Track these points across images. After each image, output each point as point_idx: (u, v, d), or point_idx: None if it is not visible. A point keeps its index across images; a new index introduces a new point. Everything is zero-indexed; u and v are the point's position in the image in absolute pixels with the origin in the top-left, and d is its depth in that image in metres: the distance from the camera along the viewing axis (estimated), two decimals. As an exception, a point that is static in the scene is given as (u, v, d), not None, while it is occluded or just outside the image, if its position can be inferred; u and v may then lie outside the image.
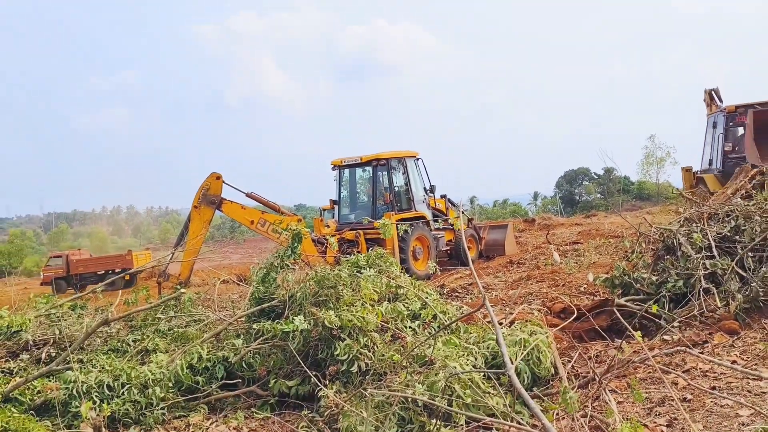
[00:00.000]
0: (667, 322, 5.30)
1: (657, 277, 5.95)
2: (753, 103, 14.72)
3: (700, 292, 5.45)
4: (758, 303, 5.24)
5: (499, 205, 52.47)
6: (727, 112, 15.07)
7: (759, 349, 4.59)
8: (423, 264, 13.25)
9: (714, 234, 6.06)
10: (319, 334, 4.64)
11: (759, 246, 5.77)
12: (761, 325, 5.07)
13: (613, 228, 17.46)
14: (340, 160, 14.40)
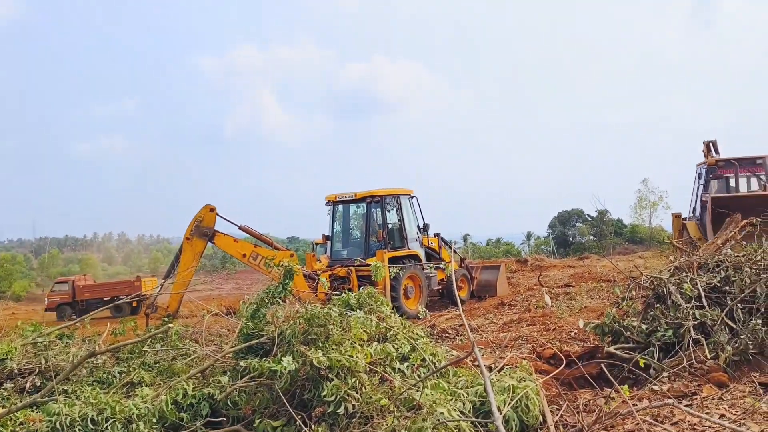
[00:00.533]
0: (656, 372, 5.29)
1: (647, 325, 5.95)
2: (736, 158, 15.76)
3: (689, 342, 5.46)
4: (747, 356, 5.25)
5: (492, 243, 52.53)
6: (708, 164, 15.84)
7: (747, 403, 4.57)
8: (414, 303, 13.21)
9: (704, 284, 6.09)
10: (307, 373, 4.59)
11: (749, 297, 5.79)
12: (750, 378, 5.07)
13: (605, 272, 17.52)
14: (335, 195, 14.48)
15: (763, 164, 15.41)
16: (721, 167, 15.65)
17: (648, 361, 5.44)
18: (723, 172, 15.66)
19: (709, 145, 16.98)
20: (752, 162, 15.55)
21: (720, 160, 15.78)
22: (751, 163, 15.55)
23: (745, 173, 15.53)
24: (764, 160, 15.44)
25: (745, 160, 15.74)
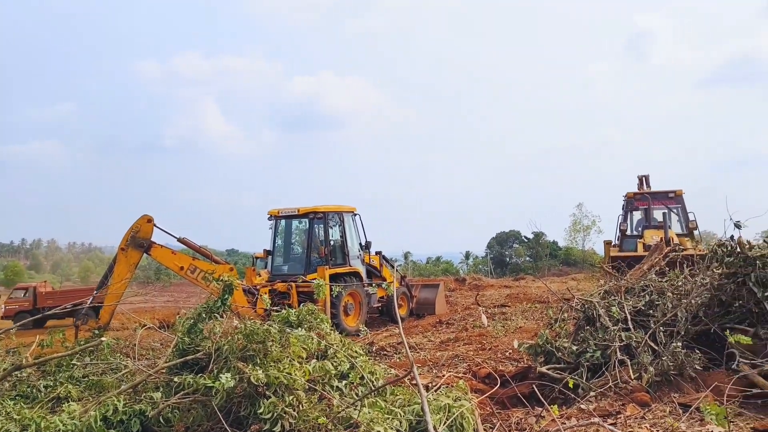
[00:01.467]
0: (584, 392, 5.51)
1: (577, 346, 6.18)
2: (650, 191, 17.52)
3: (615, 363, 5.71)
4: (668, 377, 5.52)
5: (432, 262, 53.11)
6: (627, 197, 17.52)
7: (668, 423, 4.82)
8: (354, 320, 13.23)
9: (630, 307, 6.39)
10: (244, 390, 4.54)
11: (670, 321, 6.12)
12: (671, 398, 5.34)
13: (540, 293, 18.03)
14: (277, 210, 14.39)
15: (674, 198, 16.92)
16: (638, 200, 17.12)
17: (577, 381, 5.65)
18: (639, 205, 17.00)
19: (642, 179, 18.44)
20: (665, 195, 17.05)
21: (636, 194, 17.39)
22: (664, 196, 17.03)
23: (658, 206, 16.79)
24: (675, 194, 16.98)
25: (659, 193, 17.31)
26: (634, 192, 17.55)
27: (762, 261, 5.76)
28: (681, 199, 17.05)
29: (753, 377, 5.11)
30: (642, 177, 18.62)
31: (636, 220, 17.60)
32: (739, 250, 5.98)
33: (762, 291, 5.63)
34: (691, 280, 6.75)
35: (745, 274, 5.83)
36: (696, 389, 5.33)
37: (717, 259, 6.16)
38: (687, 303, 6.21)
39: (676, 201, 17.00)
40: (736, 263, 5.91)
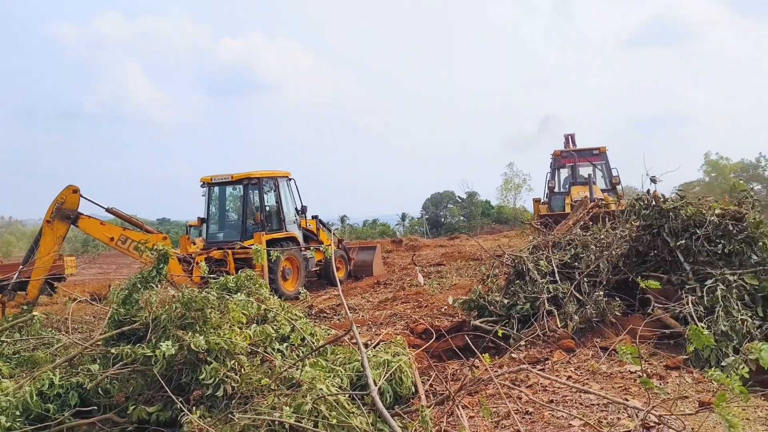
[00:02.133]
0: (514, 342, 5.82)
1: (508, 300, 6.49)
2: (576, 149, 17.86)
3: (543, 313, 6.04)
4: (592, 324, 5.91)
5: (369, 225, 53.42)
6: (554, 155, 17.95)
7: (591, 365, 5.18)
8: (292, 284, 13.27)
9: (557, 261, 6.74)
10: (184, 357, 4.56)
11: (593, 272, 6.50)
12: (594, 343, 5.72)
13: (474, 250, 18.55)
14: (210, 177, 14.11)
15: (599, 154, 17.55)
16: (565, 158, 17.65)
17: (507, 332, 5.96)
18: (566, 162, 17.56)
19: (568, 138, 18.94)
20: (590, 153, 17.63)
21: (563, 152, 17.87)
22: (588, 153, 17.59)
23: (584, 163, 17.29)
24: (599, 151, 17.60)
25: (584, 151, 17.79)
26: (561, 150, 18.08)
27: (674, 213, 6.17)
28: (605, 155, 17.70)
29: (665, 319, 5.54)
30: (568, 136, 19.16)
31: (563, 177, 18.12)
32: (654, 203, 6.37)
33: (674, 240, 6.06)
34: (612, 233, 7.17)
35: (659, 225, 6.25)
36: (616, 333, 5.73)
37: (635, 213, 6.56)
38: (608, 254, 6.61)
39: (601, 158, 17.65)
40: (651, 216, 6.31)
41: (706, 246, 5.90)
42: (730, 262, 5.78)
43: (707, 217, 6.00)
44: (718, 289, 5.40)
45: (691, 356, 4.96)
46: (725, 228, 5.90)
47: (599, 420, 3.99)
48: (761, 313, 5.33)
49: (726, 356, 4.81)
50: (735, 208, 6.14)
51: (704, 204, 6.31)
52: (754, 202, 6.30)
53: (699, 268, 5.84)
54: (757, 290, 5.46)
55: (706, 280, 5.68)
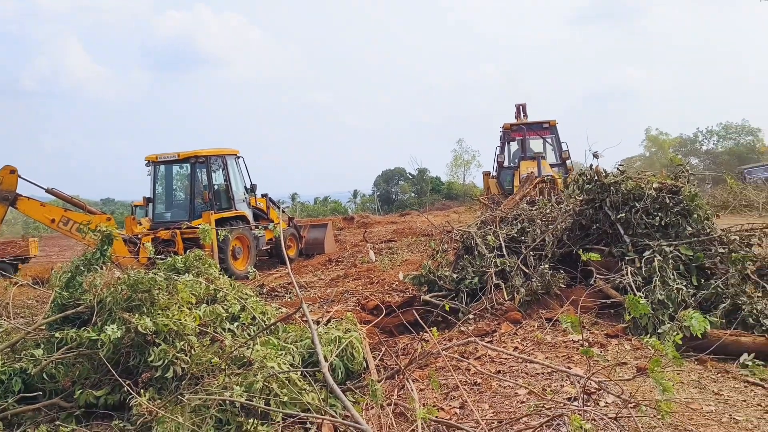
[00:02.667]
0: (463, 315, 5.96)
1: (457, 274, 6.62)
2: (526, 122, 17.34)
3: (491, 287, 6.19)
4: (537, 296, 6.08)
5: (320, 202, 53.23)
6: (503, 128, 17.24)
7: (536, 336, 5.36)
8: (243, 263, 13.16)
9: (504, 235, 6.89)
10: (132, 340, 4.50)
11: (539, 246, 6.67)
12: (539, 315, 5.90)
13: (424, 227, 18.73)
14: (155, 156, 13.75)
15: (549, 128, 17.08)
16: (514, 131, 17.11)
17: (456, 306, 6.09)
18: (515, 136, 17.07)
19: (519, 108, 18.26)
20: (540, 126, 17.15)
21: (513, 125, 17.28)
22: (538, 127, 17.14)
23: (533, 136, 16.91)
24: (549, 124, 17.13)
25: (533, 124, 17.30)
26: (511, 123, 17.59)
27: (615, 187, 6.38)
28: (555, 129, 17.29)
29: (606, 290, 5.76)
30: (519, 105, 18.48)
31: (513, 151, 17.69)
32: (596, 178, 6.57)
33: (615, 214, 6.27)
34: (557, 207, 7.36)
35: (601, 199, 6.45)
36: (560, 305, 5.93)
37: (578, 187, 6.74)
38: (553, 228, 6.79)
39: (551, 131, 17.24)
40: (593, 190, 6.51)
41: (644, 219, 6.12)
42: (666, 234, 6.02)
43: (646, 191, 6.22)
44: (655, 260, 5.63)
45: (629, 324, 5.18)
46: (662, 201, 6.14)
47: (543, 388, 4.14)
48: (695, 282, 5.60)
49: (662, 324, 5.04)
50: (672, 181, 6.39)
51: (643, 178, 6.54)
52: (690, 176, 6.56)
53: (638, 240, 6.07)
54: (692, 260, 5.72)
55: (644, 251, 5.90)
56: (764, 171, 30.28)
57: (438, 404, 4.07)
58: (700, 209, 6.16)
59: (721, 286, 5.37)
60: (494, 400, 4.11)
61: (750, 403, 3.78)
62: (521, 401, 4.00)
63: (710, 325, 4.39)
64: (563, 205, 7.25)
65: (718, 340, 4.60)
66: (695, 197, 6.19)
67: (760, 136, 53.63)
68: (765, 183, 23.71)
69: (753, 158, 46.73)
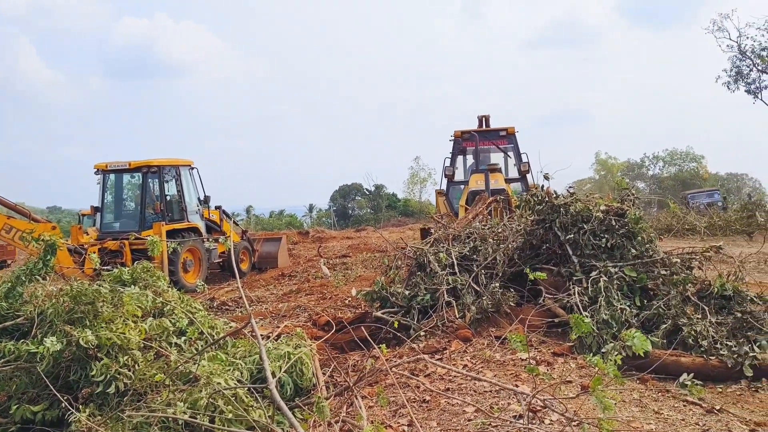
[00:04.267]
0: (414, 332, 5.98)
1: (409, 291, 6.65)
2: (478, 129, 15.14)
3: (443, 304, 6.24)
4: (487, 314, 6.16)
5: (276, 216, 52.79)
6: (454, 136, 15.01)
7: (485, 354, 5.42)
8: (194, 276, 12.91)
9: (456, 253, 6.97)
10: (73, 354, 4.35)
11: (491, 264, 6.78)
12: (489, 333, 5.98)
13: (380, 243, 18.78)
14: (105, 164, 13.42)
15: (506, 136, 14.85)
16: (466, 140, 14.84)
17: (407, 323, 6.11)
18: (467, 145, 14.86)
19: (482, 120, 16.18)
20: (495, 134, 14.89)
21: (464, 132, 14.94)
22: (494, 135, 14.88)
23: (488, 146, 14.97)
24: (506, 132, 14.86)
25: (489, 132, 15.05)
26: (462, 131, 15.07)
27: (565, 208, 6.55)
28: (513, 138, 14.98)
29: (554, 309, 5.89)
30: (482, 117, 16.20)
31: (469, 165, 15.54)
32: (547, 199, 6.73)
33: (564, 234, 6.43)
34: (508, 226, 7.50)
35: (551, 220, 6.61)
36: (510, 323, 6.02)
37: (529, 207, 6.90)
38: (504, 247, 6.92)
39: (509, 140, 14.94)
40: (544, 210, 6.67)
41: (591, 240, 6.30)
42: (612, 255, 6.21)
43: (593, 213, 6.41)
44: (601, 281, 5.79)
45: (575, 343, 5.30)
46: (609, 223, 6.33)
47: (491, 406, 4.18)
48: (638, 303, 5.77)
49: (606, 343, 5.18)
50: (618, 205, 6.60)
51: (591, 201, 6.74)
52: (635, 200, 6.79)
53: (585, 260, 6.24)
54: (636, 281, 5.91)
55: (591, 272, 6.07)
56: (706, 197, 31.55)
57: (386, 421, 4.06)
58: (643, 232, 6.37)
59: (662, 307, 5.56)
60: (442, 418, 4.13)
61: (688, 423, 3.90)
62: (468, 419, 4.03)
63: (651, 345, 4.53)
64: (514, 225, 7.40)
65: (658, 360, 4.76)
66: (639, 220, 6.41)
67: (704, 163, 56.06)
68: (707, 208, 24.69)
69: (696, 184, 48.74)
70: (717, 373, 4.75)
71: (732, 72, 26.82)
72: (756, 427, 3.79)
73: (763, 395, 4.36)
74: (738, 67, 26.73)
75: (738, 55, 26.62)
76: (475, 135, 14.22)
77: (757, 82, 26.68)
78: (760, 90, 26.71)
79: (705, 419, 3.95)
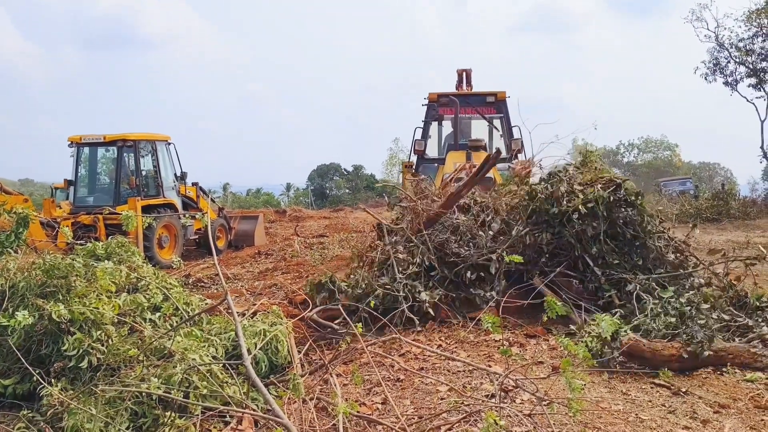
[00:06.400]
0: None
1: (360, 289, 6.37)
2: (462, 93, 12.32)
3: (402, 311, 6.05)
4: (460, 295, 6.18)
5: (253, 194, 52.46)
6: (428, 100, 11.89)
7: (459, 334, 5.49)
8: (169, 253, 12.82)
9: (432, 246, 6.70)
10: (45, 328, 4.31)
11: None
12: (463, 314, 6.04)
13: (357, 223, 18.78)
14: (80, 137, 13.18)
15: (495, 103, 11.79)
16: (443, 104, 11.79)
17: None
18: (445, 113, 11.91)
19: (462, 75, 13.28)
20: (482, 100, 11.85)
21: (442, 96, 11.88)
22: (479, 101, 11.84)
23: (471, 115, 11.90)
24: (495, 98, 11.80)
25: (472, 96, 12.00)
26: (439, 93, 12.01)
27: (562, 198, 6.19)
28: (503, 105, 11.80)
29: (544, 291, 5.85)
30: (462, 72, 13.27)
31: (445, 135, 12.68)
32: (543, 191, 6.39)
33: (579, 246, 6.04)
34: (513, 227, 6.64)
35: (553, 223, 6.23)
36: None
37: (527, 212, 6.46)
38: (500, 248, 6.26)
39: (497, 108, 11.83)
40: (541, 208, 6.31)
41: (608, 244, 5.91)
42: (629, 259, 5.92)
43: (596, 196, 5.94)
44: (650, 303, 5.31)
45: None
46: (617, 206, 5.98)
47: (464, 385, 4.25)
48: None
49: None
50: (610, 176, 6.31)
51: (575, 176, 6.37)
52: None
53: (611, 272, 5.85)
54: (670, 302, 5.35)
55: (619, 283, 5.75)
56: (679, 184, 32.09)
57: (360, 399, 4.11)
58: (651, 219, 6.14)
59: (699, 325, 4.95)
60: (416, 396, 4.18)
61: (655, 404, 4.01)
62: (441, 398, 4.09)
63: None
64: (516, 228, 6.47)
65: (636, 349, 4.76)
66: (639, 195, 6.13)
67: (677, 151, 56.97)
68: (679, 196, 25.13)
69: (669, 172, 49.51)
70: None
71: (710, 63, 27.12)
72: (720, 408, 3.91)
73: (728, 378, 4.48)
74: (716, 58, 27.03)
75: (716, 46, 26.91)
76: (455, 100, 11.12)
77: (734, 74, 27.02)
78: (736, 82, 27.06)
79: (671, 401, 4.06)
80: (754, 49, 26.11)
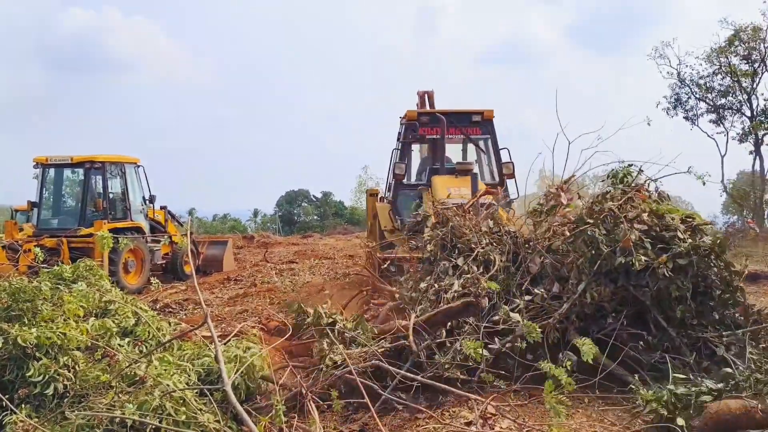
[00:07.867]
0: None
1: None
2: (448, 110, 10.60)
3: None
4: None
5: (219, 219, 51.83)
6: (407, 119, 10.52)
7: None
8: (135, 277, 12.54)
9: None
10: (9, 353, 4.15)
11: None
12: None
13: (327, 250, 18.71)
14: (46, 158, 12.91)
15: (480, 123, 10.52)
16: (424, 124, 10.40)
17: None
18: (426, 132, 10.51)
19: (424, 97, 12.08)
20: (467, 118, 10.51)
21: (423, 114, 10.69)
22: (465, 119, 10.50)
23: (455, 135, 10.64)
24: (482, 117, 10.47)
25: (457, 115, 10.44)
26: (420, 111, 10.93)
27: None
28: (490, 126, 10.53)
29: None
30: (423, 93, 12.10)
31: (422, 159, 11.54)
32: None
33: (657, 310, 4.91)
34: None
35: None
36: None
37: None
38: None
39: (482, 129, 10.58)
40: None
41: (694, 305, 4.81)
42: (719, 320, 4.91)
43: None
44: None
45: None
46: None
47: (443, 412, 4.21)
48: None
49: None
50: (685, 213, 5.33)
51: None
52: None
53: (688, 332, 4.85)
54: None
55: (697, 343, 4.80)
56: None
57: (338, 427, 4.04)
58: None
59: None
60: (393, 423, 4.13)
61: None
62: (419, 425, 4.05)
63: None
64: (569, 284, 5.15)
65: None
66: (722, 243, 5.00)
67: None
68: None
69: (633, 203, 50.57)
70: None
71: (672, 99, 28.05)
72: None
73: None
74: (677, 94, 27.98)
75: (677, 82, 27.87)
76: (442, 118, 9.72)
77: (695, 110, 27.98)
78: (696, 117, 28.01)
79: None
80: (714, 86, 27.12)
